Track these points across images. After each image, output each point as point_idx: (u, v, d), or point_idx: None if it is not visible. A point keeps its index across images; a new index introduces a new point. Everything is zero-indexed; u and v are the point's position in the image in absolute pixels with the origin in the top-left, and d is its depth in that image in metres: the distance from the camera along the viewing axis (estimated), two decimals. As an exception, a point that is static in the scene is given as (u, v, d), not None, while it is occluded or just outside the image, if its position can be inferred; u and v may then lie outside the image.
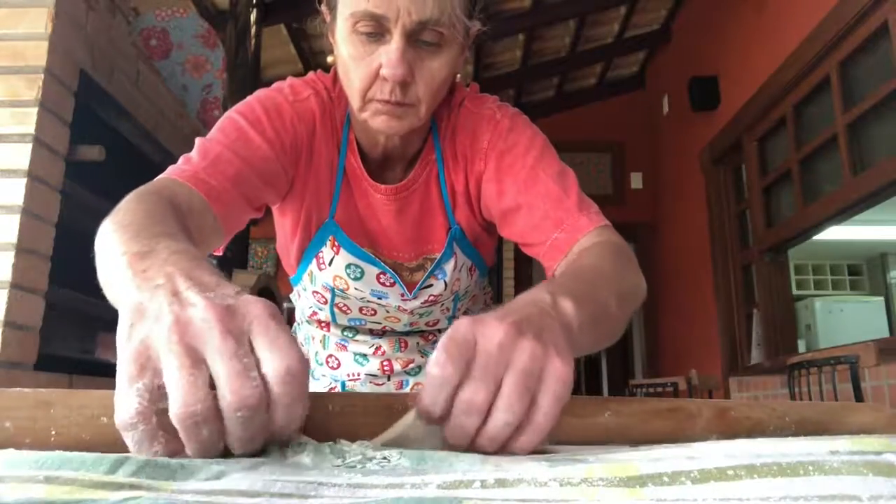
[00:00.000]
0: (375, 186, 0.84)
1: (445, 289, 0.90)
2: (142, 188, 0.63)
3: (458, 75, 0.81)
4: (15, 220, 1.45)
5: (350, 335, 1.01)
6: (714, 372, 3.90)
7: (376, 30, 0.68)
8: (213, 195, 0.69)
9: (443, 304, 0.94)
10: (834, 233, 4.58)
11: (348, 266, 0.87)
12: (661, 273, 5.00)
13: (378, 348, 1.00)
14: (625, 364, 5.79)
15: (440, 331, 1.00)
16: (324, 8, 0.77)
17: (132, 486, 0.28)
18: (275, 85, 0.82)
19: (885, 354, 2.34)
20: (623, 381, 5.09)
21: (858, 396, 2.19)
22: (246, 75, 3.01)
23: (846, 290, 6.39)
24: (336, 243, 0.86)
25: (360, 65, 0.70)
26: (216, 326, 0.35)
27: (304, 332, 1.08)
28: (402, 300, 0.90)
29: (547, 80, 5.20)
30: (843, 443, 0.30)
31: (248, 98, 0.80)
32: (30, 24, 1.54)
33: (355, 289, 0.89)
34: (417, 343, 1.01)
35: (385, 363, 1.01)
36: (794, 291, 4.52)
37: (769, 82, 3.36)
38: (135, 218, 0.52)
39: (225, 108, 2.77)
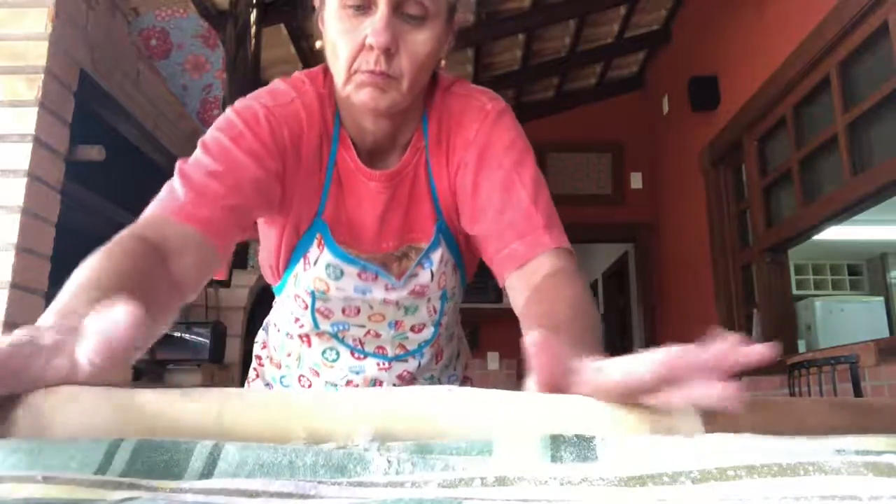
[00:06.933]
0: (369, 174, 0.84)
1: (432, 280, 0.89)
2: (129, 233, 0.65)
3: (443, 62, 0.82)
4: (15, 220, 1.45)
5: (330, 360, 0.97)
6: (714, 372, 3.89)
7: (363, 2, 0.72)
8: (208, 228, 0.70)
9: (430, 302, 0.92)
10: (834, 233, 4.57)
11: (328, 266, 0.86)
12: (660, 273, 4.99)
13: (350, 383, 0.96)
14: (625, 364, 5.77)
15: (422, 354, 0.97)
16: None
17: (130, 486, 0.28)
18: (254, 93, 0.83)
19: (885, 354, 2.34)
20: (623, 381, 5.08)
21: (858, 396, 2.19)
22: (246, 75, 3.00)
23: (846, 290, 6.38)
24: (322, 242, 0.85)
25: (348, 38, 0.73)
26: None
27: (280, 342, 1.01)
28: (387, 291, 0.88)
29: (547, 80, 5.19)
30: (847, 441, 0.30)
31: (227, 112, 0.80)
32: (30, 24, 1.54)
33: (336, 288, 0.87)
34: (395, 382, 0.97)
35: None
36: (794, 291, 4.51)
37: (769, 82, 3.36)
38: (82, 277, 0.55)
39: (224, 108, 2.77)
